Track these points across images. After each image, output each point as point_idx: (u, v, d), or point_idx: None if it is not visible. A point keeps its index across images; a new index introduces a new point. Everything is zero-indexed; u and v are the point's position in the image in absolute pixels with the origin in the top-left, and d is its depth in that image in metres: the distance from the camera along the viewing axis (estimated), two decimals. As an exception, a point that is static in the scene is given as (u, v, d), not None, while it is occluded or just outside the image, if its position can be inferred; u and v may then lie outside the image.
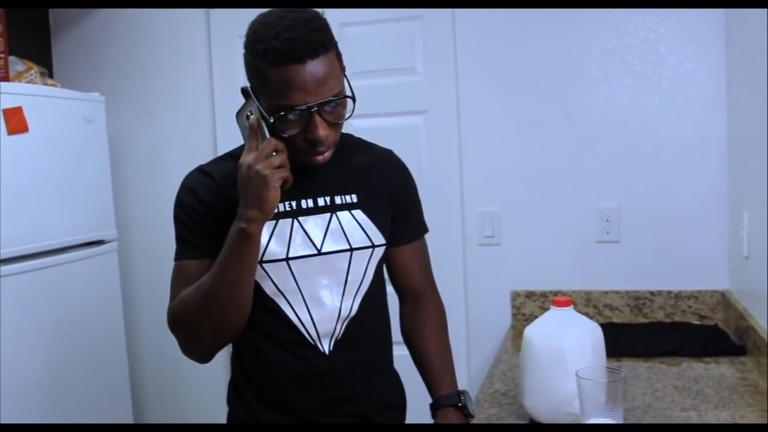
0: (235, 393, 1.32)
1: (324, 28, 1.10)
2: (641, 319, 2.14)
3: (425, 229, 1.41)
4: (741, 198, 1.89)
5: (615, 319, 2.16)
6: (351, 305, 1.25)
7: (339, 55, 1.12)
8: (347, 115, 1.14)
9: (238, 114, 1.13)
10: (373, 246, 1.25)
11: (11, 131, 1.95)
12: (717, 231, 2.09)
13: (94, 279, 2.31)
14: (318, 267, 1.21)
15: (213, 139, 2.59)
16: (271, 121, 1.08)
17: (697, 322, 2.07)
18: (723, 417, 1.33)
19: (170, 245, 2.68)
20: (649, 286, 2.15)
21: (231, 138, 2.57)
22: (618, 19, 2.14)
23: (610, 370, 1.19)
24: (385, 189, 1.30)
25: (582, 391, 1.16)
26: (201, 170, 1.24)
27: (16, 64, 2.16)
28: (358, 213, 1.24)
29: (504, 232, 2.29)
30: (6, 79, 2.09)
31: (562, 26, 2.18)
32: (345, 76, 1.14)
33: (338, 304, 1.23)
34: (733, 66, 1.99)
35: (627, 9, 2.11)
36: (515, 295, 2.28)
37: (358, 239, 1.23)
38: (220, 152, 2.54)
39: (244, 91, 1.13)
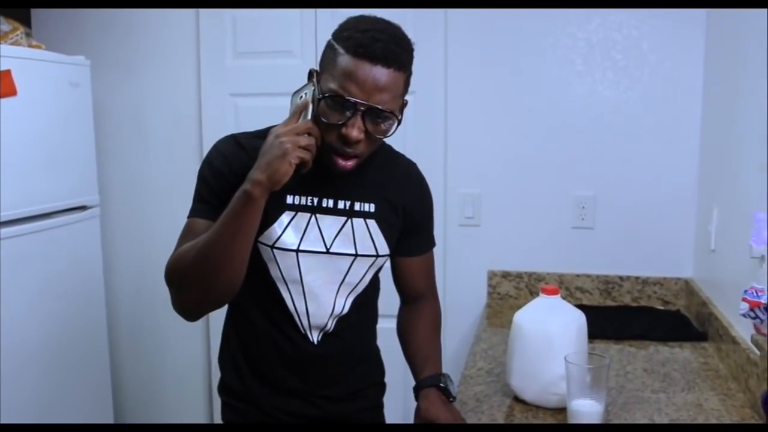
0: (228, 359, 1.39)
1: (408, 51, 1.15)
2: (609, 302, 2.27)
3: (433, 244, 1.46)
4: (711, 194, 2.01)
5: (585, 301, 2.28)
6: (344, 303, 1.32)
7: (407, 84, 1.17)
8: (387, 134, 1.17)
9: (294, 93, 1.17)
10: (377, 255, 1.30)
11: (1, 94, 1.92)
12: (684, 223, 2.21)
13: (76, 245, 2.32)
14: (322, 264, 1.27)
15: (197, 107, 2.58)
16: (320, 98, 1.12)
17: (661, 307, 2.21)
18: (689, 399, 1.45)
19: (150, 211, 2.72)
20: (619, 272, 2.27)
21: (215, 106, 2.57)
22: (604, 15, 2.21)
23: (596, 356, 1.29)
24: (401, 203, 1.33)
25: (570, 374, 1.26)
26: (238, 141, 1.25)
27: (1, 24, 2.12)
28: (372, 223, 1.29)
29: (484, 213, 2.37)
30: (-8, 39, 2.05)
31: (550, 19, 2.24)
32: (403, 106, 1.19)
33: (332, 301, 1.30)
34: (710, 67, 2.09)
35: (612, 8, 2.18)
36: (492, 275, 2.37)
37: (365, 247, 1.28)
38: (204, 120, 2.58)
39: (310, 72, 1.18)
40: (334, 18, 2.42)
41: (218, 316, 2.61)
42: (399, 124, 1.17)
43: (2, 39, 2.10)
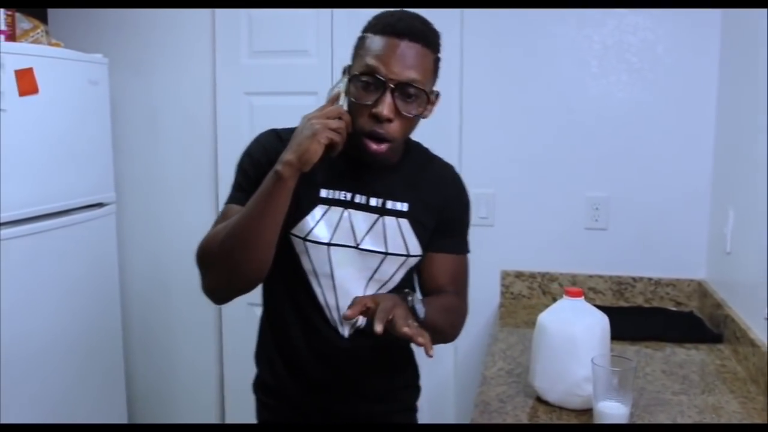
0: (263, 355, 1.41)
1: (434, 33, 1.21)
2: (622, 303, 2.29)
3: (465, 249, 1.42)
4: (726, 196, 2.03)
5: (598, 302, 2.30)
6: None
7: (436, 67, 1.21)
8: (418, 112, 1.19)
9: (330, 89, 1.22)
10: (408, 255, 1.31)
11: (22, 92, 1.93)
12: (697, 224, 2.23)
13: (92, 242, 2.33)
14: (352, 259, 1.28)
15: (213, 106, 2.59)
16: (349, 79, 1.16)
17: (674, 309, 2.23)
18: (710, 401, 1.47)
19: (164, 208, 2.73)
20: (632, 272, 2.29)
21: (230, 105, 2.58)
22: (619, 18, 2.23)
23: (622, 359, 1.31)
24: (435, 203, 1.33)
25: (596, 376, 1.28)
26: (278, 135, 1.29)
27: (22, 22, 2.12)
28: (404, 222, 1.30)
29: (498, 214, 2.39)
30: (13, 37, 2.05)
31: (565, 20, 2.25)
32: (434, 93, 1.22)
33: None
34: (725, 69, 2.11)
35: (628, 8, 2.20)
36: (505, 275, 2.39)
37: (395, 246, 1.29)
38: (219, 119, 2.59)
39: (344, 69, 1.22)
40: (350, 18, 2.46)
41: (232, 315, 2.66)
42: (432, 105, 1.20)
43: (23, 37, 2.11)
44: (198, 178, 2.64)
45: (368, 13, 2.33)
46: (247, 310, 2.62)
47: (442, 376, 2.45)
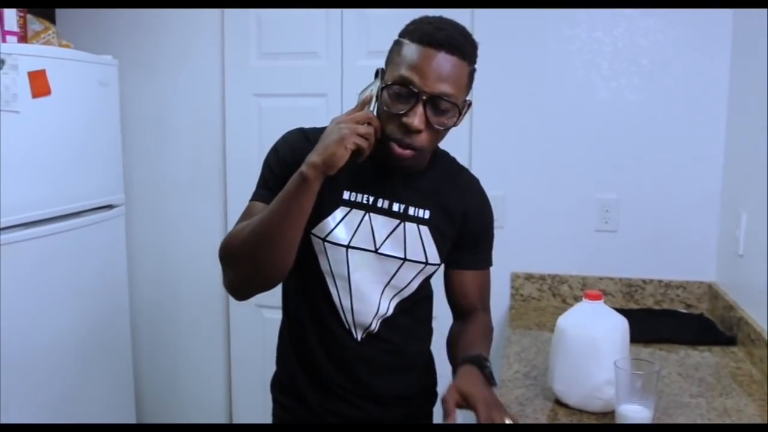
0: (281, 354, 1.43)
1: (472, 44, 1.19)
2: (632, 305, 2.29)
3: (489, 263, 1.44)
4: (737, 199, 2.04)
5: (608, 305, 2.29)
6: (388, 305, 1.33)
7: (471, 78, 1.20)
8: (448, 124, 1.19)
9: (362, 91, 1.21)
10: (426, 263, 1.31)
11: (36, 94, 1.93)
12: (707, 227, 2.24)
13: (102, 244, 2.33)
14: (370, 263, 1.28)
15: (221, 107, 2.60)
16: (382, 87, 1.15)
17: (684, 311, 2.23)
18: (729, 404, 1.48)
19: (173, 210, 2.72)
20: (642, 275, 2.30)
21: (239, 107, 2.58)
22: (630, 20, 2.23)
23: (644, 362, 1.31)
24: (458, 213, 1.33)
25: (619, 380, 1.28)
26: (305, 134, 1.29)
27: (33, 23, 2.12)
28: (425, 230, 1.30)
29: (508, 216, 2.39)
30: (25, 39, 2.05)
31: (576, 23, 2.26)
32: (466, 103, 1.21)
33: (377, 302, 1.31)
34: (736, 72, 2.12)
35: (639, 9, 2.20)
36: (515, 277, 2.39)
37: (414, 253, 1.29)
38: (228, 120, 2.59)
39: (377, 71, 1.21)
40: (359, 19, 2.46)
41: (240, 317, 2.65)
42: (461, 117, 1.19)
43: (35, 38, 2.10)
44: (207, 180, 2.64)
45: (378, 14, 2.39)
46: (255, 312, 2.62)
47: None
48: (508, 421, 1.11)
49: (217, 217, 2.65)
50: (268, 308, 2.56)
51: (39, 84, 1.93)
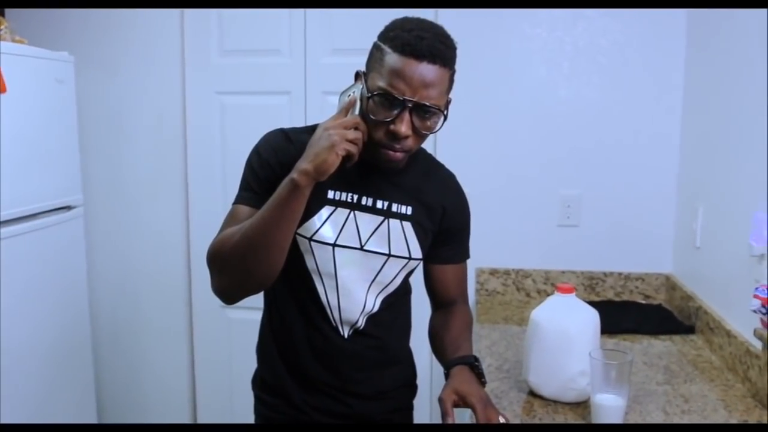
0: (263, 351, 1.42)
1: (452, 49, 1.20)
2: (594, 298, 2.36)
3: (467, 255, 1.49)
4: (694, 194, 2.12)
5: (571, 297, 2.36)
6: (374, 301, 1.34)
7: (452, 81, 1.22)
8: (433, 130, 1.21)
9: (342, 92, 1.21)
10: (410, 258, 1.33)
11: (-10, 92, 1.85)
12: (664, 220, 2.32)
13: (60, 246, 2.26)
14: (356, 260, 1.29)
15: (182, 105, 2.55)
16: (368, 96, 1.16)
17: (643, 302, 2.31)
18: (694, 390, 1.54)
19: (133, 210, 2.66)
20: (602, 268, 2.37)
21: (200, 105, 2.54)
22: (590, 20, 2.29)
23: (618, 352, 1.35)
24: (438, 209, 1.37)
25: (594, 370, 1.32)
26: (286, 135, 1.28)
27: (-16, 18, 2.03)
28: (408, 226, 1.32)
29: (473, 212, 2.40)
30: (-23, 34, 1.97)
31: (537, 23, 2.30)
32: (448, 103, 1.23)
33: (363, 298, 1.33)
34: (691, 70, 2.20)
35: (600, 9, 2.26)
36: (480, 272, 2.43)
37: (398, 248, 1.32)
38: (189, 118, 2.54)
39: (356, 74, 1.22)
40: (323, 16, 2.45)
41: (203, 318, 2.61)
42: (445, 120, 1.21)
43: (-13, 34, 2.02)
44: (168, 180, 2.59)
45: (342, 11, 2.39)
46: (218, 313, 2.59)
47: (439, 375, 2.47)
48: (501, 420, 1.17)
49: (179, 218, 2.60)
50: (232, 309, 2.53)
51: (-6, 81, 1.86)
